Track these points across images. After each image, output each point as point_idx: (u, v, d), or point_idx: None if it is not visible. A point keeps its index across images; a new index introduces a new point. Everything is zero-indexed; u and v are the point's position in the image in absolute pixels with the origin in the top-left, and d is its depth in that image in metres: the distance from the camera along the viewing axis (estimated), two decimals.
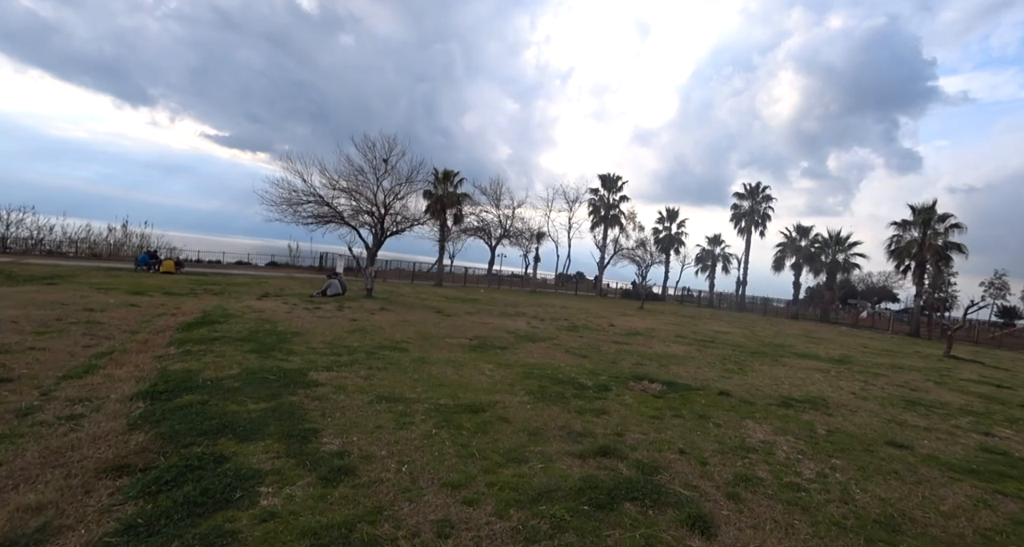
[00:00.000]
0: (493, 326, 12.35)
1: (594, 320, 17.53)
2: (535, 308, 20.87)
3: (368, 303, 15.08)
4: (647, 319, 21.26)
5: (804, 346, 15.74)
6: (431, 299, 19.81)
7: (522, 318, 15.50)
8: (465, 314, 14.71)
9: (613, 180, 43.68)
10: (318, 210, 35.91)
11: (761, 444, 4.89)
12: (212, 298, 13.39)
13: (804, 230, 40.81)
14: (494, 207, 45.30)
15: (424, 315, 13.33)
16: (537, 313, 17.90)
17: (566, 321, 16.01)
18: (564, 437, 4.52)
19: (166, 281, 17.52)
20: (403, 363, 7.03)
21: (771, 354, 12.47)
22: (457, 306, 17.48)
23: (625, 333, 14.10)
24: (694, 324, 20.96)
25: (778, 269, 41.87)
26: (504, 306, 20.20)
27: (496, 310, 17.47)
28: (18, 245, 26.31)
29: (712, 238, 47.19)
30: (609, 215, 43.68)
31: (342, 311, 12.42)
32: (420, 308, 15.23)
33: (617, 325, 16.41)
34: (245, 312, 10.68)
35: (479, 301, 21.48)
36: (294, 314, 11.02)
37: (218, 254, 32.01)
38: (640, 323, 18.39)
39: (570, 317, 17.75)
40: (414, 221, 39.70)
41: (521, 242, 48.62)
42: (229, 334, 8.05)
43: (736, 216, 47.13)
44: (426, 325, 11.26)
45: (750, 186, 46.68)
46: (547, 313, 18.44)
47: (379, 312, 12.97)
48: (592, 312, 22.23)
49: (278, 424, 4.19)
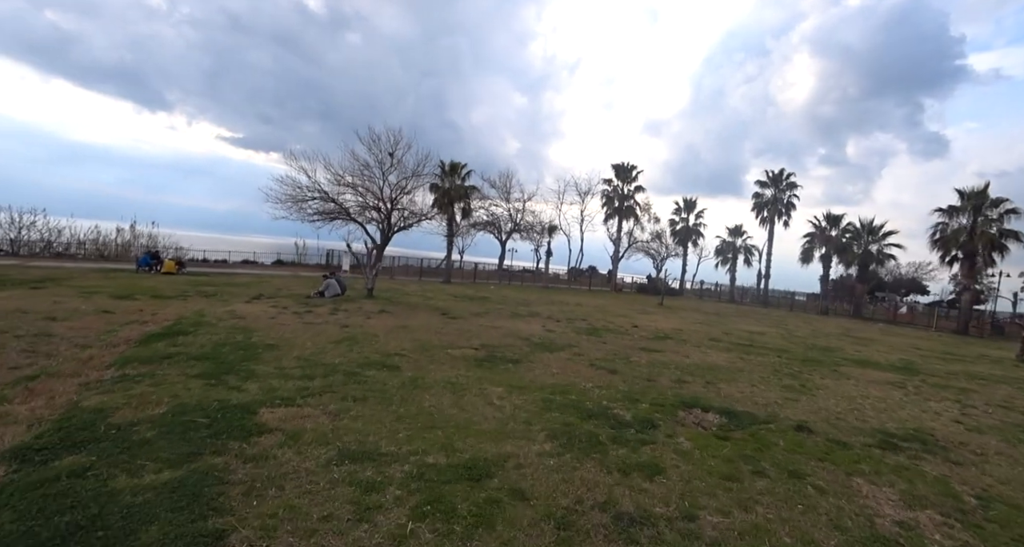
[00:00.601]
0: (504, 331, 10.82)
1: (614, 320, 15.91)
2: (549, 307, 19.29)
3: (367, 304, 13.64)
4: (670, 318, 19.56)
5: (853, 349, 13.96)
6: (437, 298, 18.35)
7: (536, 319, 13.95)
8: (473, 316, 13.20)
9: (627, 170, 41.72)
10: (324, 207, 34.56)
11: (900, 531, 3.28)
12: (200, 301, 12.06)
13: (834, 219, 38.28)
14: (504, 201, 43.80)
15: (427, 318, 11.84)
16: (552, 313, 16.33)
17: (584, 322, 14.42)
18: (610, 529, 2.96)
19: (162, 282, 16.31)
20: (389, 388, 5.52)
21: (825, 362, 10.75)
22: (465, 306, 15.99)
23: (652, 336, 12.47)
24: (722, 323, 19.22)
25: (806, 261, 39.57)
26: (516, 305, 18.67)
27: (507, 310, 15.94)
28: (28, 248, 25.49)
29: (732, 229, 45.05)
30: (623, 206, 41.79)
31: (335, 315, 10.99)
32: (423, 309, 13.75)
33: (641, 326, 14.78)
34: (224, 319, 9.29)
35: (489, 299, 19.97)
36: (279, 320, 9.61)
37: (224, 253, 30.93)
38: (665, 323, 16.72)
39: (587, 317, 16.15)
40: (421, 216, 38.39)
41: (532, 236, 47.01)
42: (189, 350, 6.63)
43: (758, 205, 44.84)
44: (427, 331, 9.76)
45: (772, 173, 44.35)
46: (562, 312, 16.87)
47: (376, 315, 11.51)
48: (610, 310, 20.59)
49: (170, 517, 2.70)
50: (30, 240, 25.44)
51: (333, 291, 14.91)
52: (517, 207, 44.07)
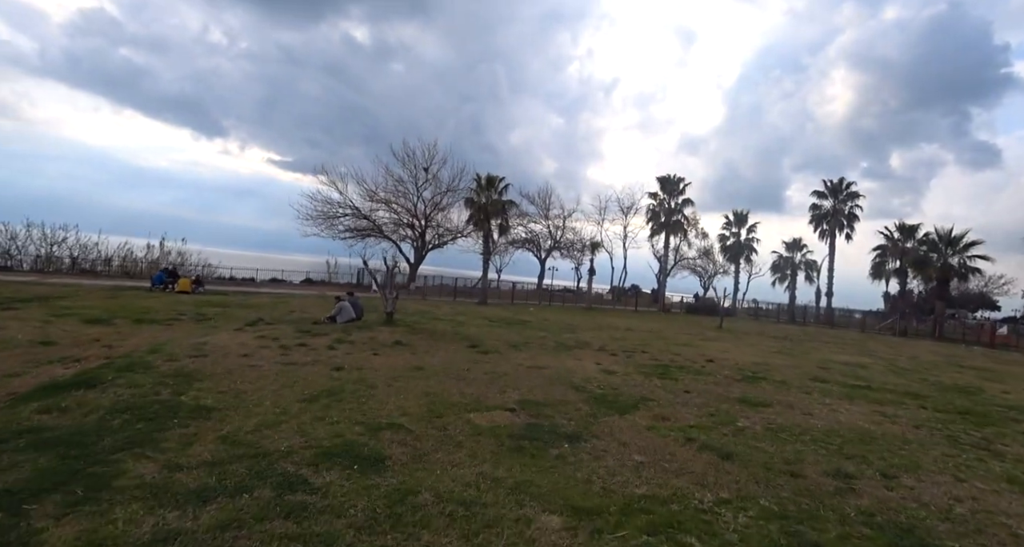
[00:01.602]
0: (550, 373, 8.08)
1: (679, 350, 12.86)
2: (597, 333, 16.40)
3: (383, 333, 11.26)
4: (740, 345, 16.22)
5: (997, 390, 10.30)
6: (470, 323, 15.84)
7: (587, 352, 11.15)
8: (509, 349, 10.55)
9: (674, 182, 38.51)
10: (356, 223, 33.19)
11: None
12: (183, 328, 10.07)
13: (909, 229, 33.43)
14: (543, 217, 41.37)
15: (451, 354, 9.27)
16: (603, 341, 13.46)
17: (645, 354, 11.49)
18: None
19: (164, 303, 14.64)
20: (346, 527, 2.91)
21: (992, 416, 7.36)
22: (500, 334, 13.37)
23: (738, 375, 9.39)
24: (805, 351, 15.70)
25: (878, 276, 34.80)
26: (559, 331, 15.90)
27: (550, 339, 13.20)
28: (53, 264, 25.06)
29: (791, 243, 40.64)
30: (671, 221, 38.44)
31: (335, 349, 8.60)
32: (450, 339, 11.21)
33: (715, 358, 11.67)
34: (177, 357, 7.04)
35: (528, 324, 17.29)
36: (253, 359, 7.29)
37: (252, 271, 29.85)
38: (739, 353, 13.48)
39: (646, 346, 13.18)
40: (457, 233, 36.35)
41: (573, 254, 44.22)
42: (64, 420, 4.32)
43: (816, 218, 40.44)
44: (447, 376, 7.17)
45: (831, 183, 40.02)
46: (615, 341, 13.96)
47: (387, 350, 9.05)
48: (667, 336, 17.45)
49: None
50: (59, 256, 25.01)
51: (347, 316, 12.67)
52: (556, 224, 41.58)
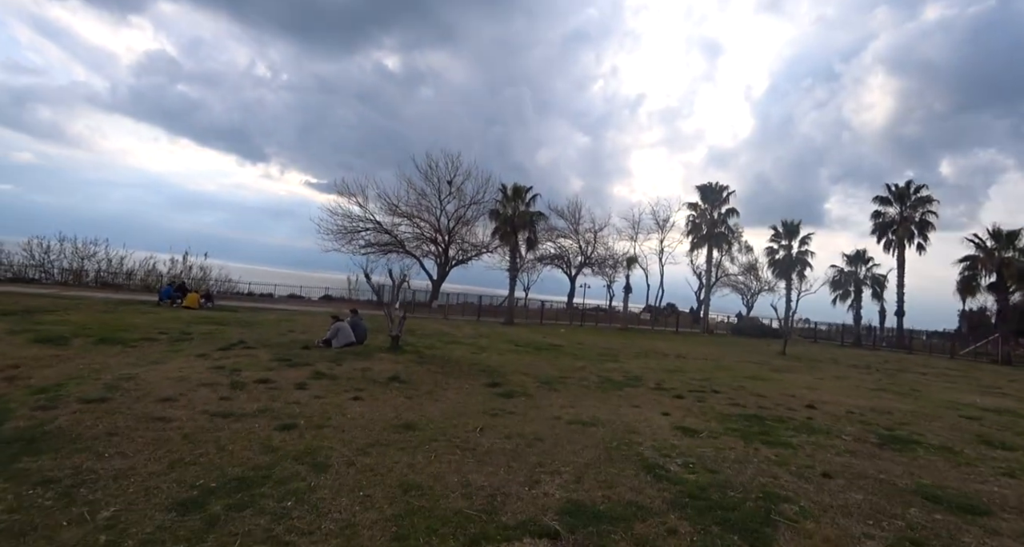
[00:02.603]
0: (602, 436, 5.42)
1: (756, 388, 9.92)
2: (644, 361, 13.58)
3: (382, 362, 8.86)
4: (823, 379, 13.03)
5: None
6: (492, 347, 13.32)
7: (641, 392, 8.41)
8: (541, 388, 7.94)
9: (716, 191, 35.26)
10: (377, 238, 31.45)
11: None
12: (149, 350, 8.06)
13: (1009, 236, 28.43)
14: (573, 232, 38.81)
15: (462, 397, 6.75)
16: (657, 375, 10.67)
17: (720, 395, 8.65)
18: None
19: (157, 320, 12.82)
20: None
21: None
22: (529, 363, 10.78)
23: (869, 434, 6.47)
24: (909, 387, 12.35)
25: (968, 291, 30.12)
26: (599, 358, 13.17)
27: (591, 371, 10.51)
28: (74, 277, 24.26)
29: (852, 256, 36.32)
30: (713, 233, 35.09)
31: (305, 388, 6.23)
32: (465, 374, 8.68)
33: (814, 403, 8.69)
34: (70, 399, 4.83)
35: (562, 350, 14.62)
36: (176, 404, 4.99)
37: (271, 287, 28.44)
38: (834, 392, 10.38)
39: (713, 381, 10.31)
40: (482, 248, 34.03)
41: (604, 271, 41.35)
42: None
43: (880, 227, 36.08)
44: (448, 446, 4.63)
45: (896, 187, 35.72)
46: (670, 374, 11.14)
47: (377, 390, 6.62)
48: (729, 366, 14.42)
49: None
50: (87, 270, 24.22)
51: (344, 339, 10.38)
52: (587, 238, 38.92)
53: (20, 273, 22.14)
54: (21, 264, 22.44)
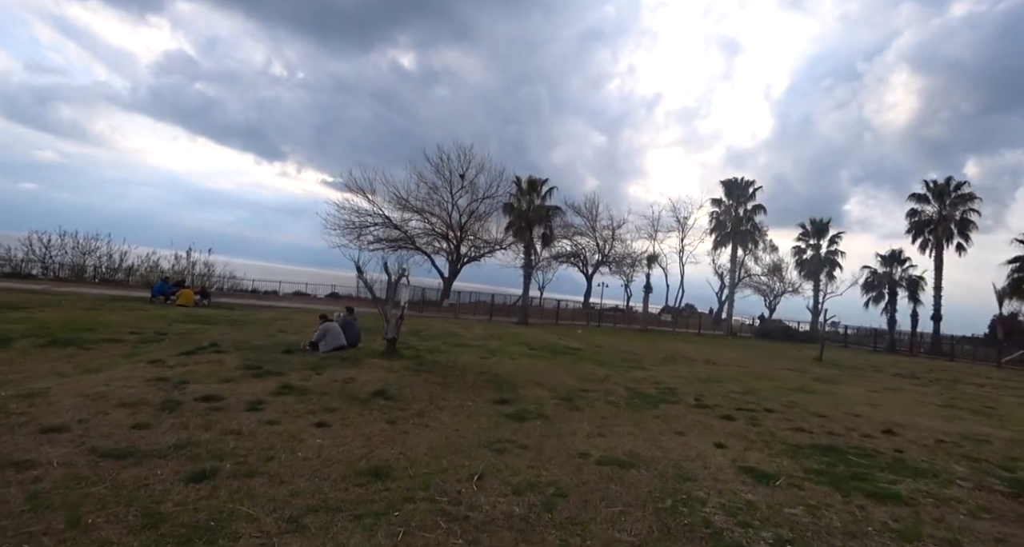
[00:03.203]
0: (645, 484, 3.92)
1: (809, 403, 8.30)
2: (673, 368, 12.01)
3: (371, 371, 7.48)
4: (874, 390, 11.31)
5: None
6: (504, 351, 11.88)
7: (681, 411, 6.88)
8: (560, 407, 6.46)
9: (742, 186, 33.27)
10: (386, 233, 30.21)
11: None
12: (100, 354, 6.84)
13: None
14: (590, 229, 37.19)
15: (459, 423, 5.29)
16: (694, 389, 9.10)
17: (775, 415, 7.08)
18: None
19: (137, 318, 11.68)
20: None
21: None
22: (544, 371, 9.30)
23: (988, 476, 4.87)
24: (980, 402, 10.58)
25: (1017, 295, 27.82)
26: (623, 364, 11.64)
27: (617, 381, 8.99)
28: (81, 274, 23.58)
29: (887, 256, 33.98)
30: (739, 230, 33.12)
31: (259, 409, 4.85)
32: (468, 386, 7.24)
33: (891, 426, 7.06)
34: None
35: (580, 354, 13.11)
36: (77, 429, 3.67)
37: (275, 283, 27.48)
38: (898, 409, 8.69)
39: (758, 395, 8.73)
40: (495, 245, 32.57)
41: (622, 270, 39.64)
42: None
43: (916, 226, 33.73)
44: (427, 509, 3.17)
45: (935, 183, 33.34)
46: (706, 384, 9.56)
47: (352, 412, 5.20)
48: (768, 375, 12.77)
49: None
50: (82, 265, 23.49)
51: (333, 342, 9.02)
52: (604, 236, 37.26)
53: (19, 268, 21.45)
54: (21, 259, 21.76)
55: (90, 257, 23.58)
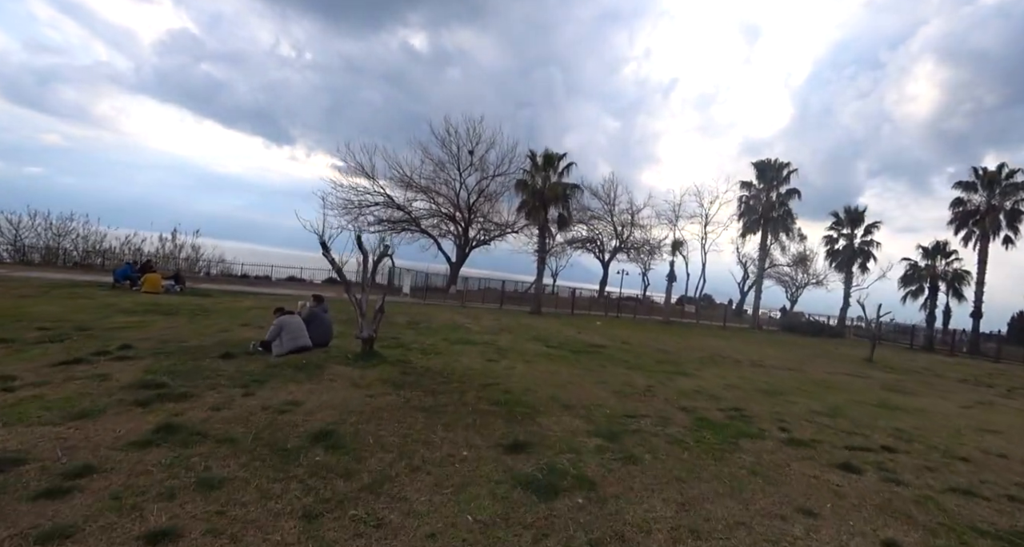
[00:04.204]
0: None
1: (921, 432, 5.95)
2: (721, 373, 9.67)
3: (330, 386, 5.28)
4: (970, 406, 8.88)
5: None
6: (516, 349, 9.63)
7: (766, 446, 4.56)
8: (602, 458, 4.21)
9: (775, 168, 30.34)
10: (389, 214, 27.91)
11: None
12: None
13: None
14: (608, 213, 34.60)
15: (444, 504, 3.06)
16: (766, 409, 6.75)
17: (899, 455, 4.76)
18: None
19: (77, 307, 9.65)
20: None
21: None
22: (566, 380, 7.00)
23: None
24: None
25: None
26: (660, 369, 9.31)
27: (665, 397, 6.66)
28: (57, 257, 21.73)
29: (930, 249, 30.97)
30: (770, 216, 30.30)
31: (83, 486, 2.73)
32: (467, 409, 5.00)
33: None
34: None
35: (606, 353, 10.82)
36: None
37: (267, 268, 25.44)
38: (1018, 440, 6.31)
39: (854, 421, 6.38)
40: (506, 228, 30.14)
41: (640, 257, 37.09)
42: None
43: (961, 216, 30.61)
44: None
45: (984, 171, 30.08)
46: (770, 396, 7.20)
47: (257, 481, 3.00)
48: (831, 383, 10.40)
49: None
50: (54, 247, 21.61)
51: (292, 342, 6.80)
52: (623, 220, 34.65)
53: None
54: None
55: (65, 239, 21.68)
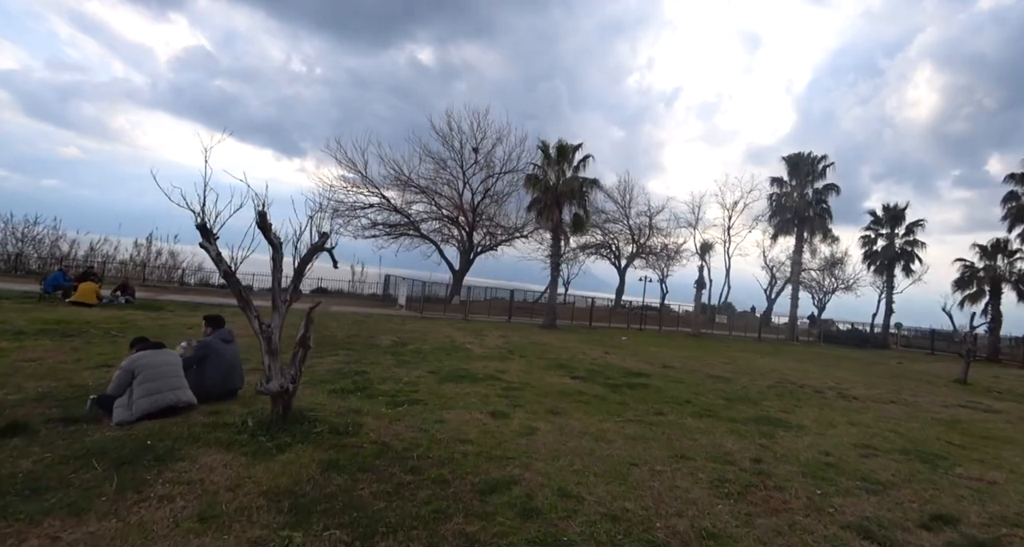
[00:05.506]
0: None
1: None
2: (826, 418, 6.56)
3: (178, 500, 2.43)
4: None
5: None
6: (531, 386, 6.67)
7: None
8: None
9: (809, 162, 27.24)
10: (385, 217, 24.87)
11: None
12: None
13: None
14: (624, 217, 31.69)
15: None
16: (948, 503, 3.72)
17: None
18: None
19: None
20: None
21: None
22: (620, 444, 4.02)
23: None
24: None
25: None
26: (739, 414, 6.23)
27: (797, 491, 3.65)
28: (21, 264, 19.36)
29: (989, 248, 27.51)
30: (804, 216, 27.14)
31: None
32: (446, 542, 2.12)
33: None
34: None
35: (654, 388, 7.78)
36: None
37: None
38: None
39: None
40: (514, 232, 27.17)
41: (659, 263, 34.07)
42: None
43: (1014, 212, 27.26)
44: None
45: None
46: (924, 463, 4.12)
47: None
48: (955, 421, 7.22)
49: None
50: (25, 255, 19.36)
51: (148, 402, 3.92)
52: (640, 223, 31.69)
53: None
54: None
55: (27, 245, 19.33)
